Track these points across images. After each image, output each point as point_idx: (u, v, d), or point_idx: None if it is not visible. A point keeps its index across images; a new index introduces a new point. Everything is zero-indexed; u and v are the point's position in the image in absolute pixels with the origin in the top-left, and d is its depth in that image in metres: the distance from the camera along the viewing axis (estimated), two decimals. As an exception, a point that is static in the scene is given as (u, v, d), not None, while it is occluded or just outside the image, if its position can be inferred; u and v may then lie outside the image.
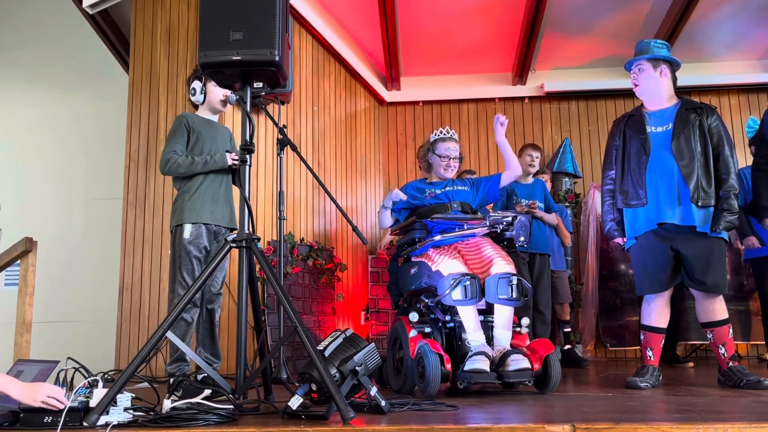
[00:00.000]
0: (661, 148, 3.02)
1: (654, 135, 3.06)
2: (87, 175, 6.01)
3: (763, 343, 4.71)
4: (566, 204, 5.77)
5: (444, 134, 3.36)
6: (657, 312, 3.03)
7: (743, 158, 5.86)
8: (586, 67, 6.30)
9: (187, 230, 2.89)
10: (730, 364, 2.92)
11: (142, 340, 4.23)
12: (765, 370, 4.11)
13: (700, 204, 2.91)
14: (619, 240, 3.14)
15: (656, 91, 3.12)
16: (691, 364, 4.67)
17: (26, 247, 3.67)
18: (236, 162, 2.42)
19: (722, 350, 2.95)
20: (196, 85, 3.07)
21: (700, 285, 2.92)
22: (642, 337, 3.08)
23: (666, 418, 1.83)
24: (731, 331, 2.98)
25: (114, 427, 1.77)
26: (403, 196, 3.20)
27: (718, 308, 2.96)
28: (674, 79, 3.16)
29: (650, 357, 3.02)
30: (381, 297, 5.64)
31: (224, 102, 3.09)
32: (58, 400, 1.81)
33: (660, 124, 3.07)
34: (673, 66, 3.15)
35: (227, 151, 2.98)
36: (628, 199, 3.07)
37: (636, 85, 3.16)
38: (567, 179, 5.99)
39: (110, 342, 4.46)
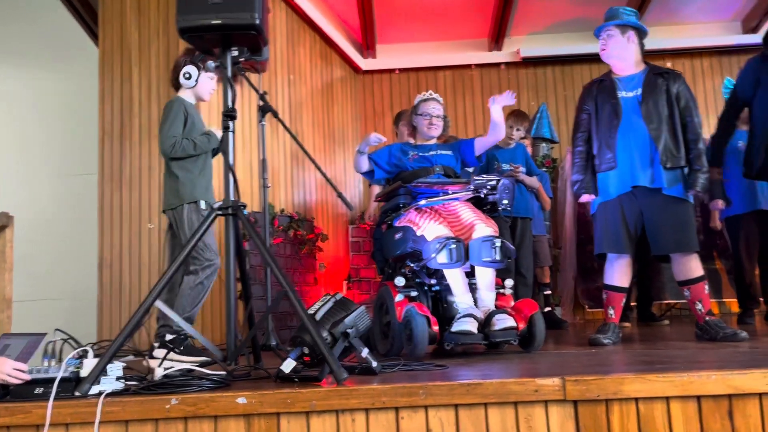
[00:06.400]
0: (632, 113, 3.09)
1: (624, 100, 3.12)
2: (60, 150, 5.87)
3: (734, 300, 4.85)
4: (544, 169, 5.82)
5: (427, 95, 3.37)
6: (619, 272, 3.11)
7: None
8: (561, 32, 6.31)
9: (203, 206, 2.98)
10: (707, 318, 3.01)
11: (124, 315, 4.20)
12: (736, 325, 4.23)
13: (668, 165, 2.99)
14: (587, 197, 3.19)
15: (623, 57, 3.18)
16: (666, 321, 4.80)
17: (3, 222, 3.58)
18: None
19: (699, 306, 3.04)
20: (192, 71, 2.99)
21: (672, 246, 2.99)
22: (604, 296, 3.16)
23: (650, 369, 1.89)
24: (707, 287, 3.07)
25: (107, 395, 1.76)
26: (383, 138, 3.18)
27: (694, 266, 3.04)
28: (642, 46, 3.22)
29: (611, 315, 3.12)
30: (362, 266, 5.66)
31: (210, 94, 3.21)
32: (22, 372, 1.80)
33: (630, 89, 3.14)
34: (641, 33, 3.21)
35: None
36: (600, 163, 3.13)
37: (603, 50, 3.20)
38: (544, 144, 6.03)
39: (91, 319, 4.42)
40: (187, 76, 2.99)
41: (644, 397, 1.73)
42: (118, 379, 1.91)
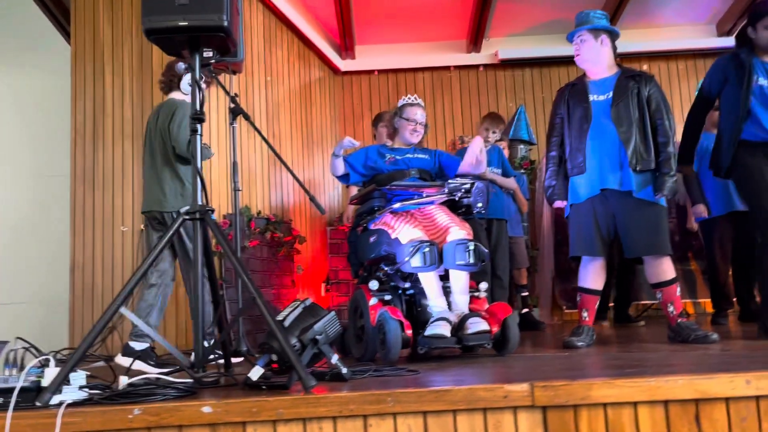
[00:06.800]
0: (602, 116, 3.10)
1: (595, 103, 3.14)
2: (31, 151, 5.76)
3: (709, 300, 4.90)
4: (522, 171, 5.84)
5: (412, 100, 3.35)
6: (593, 275, 3.12)
7: (691, 123, 6.00)
8: (539, 34, 6.33)
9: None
10: (679, 320, 3.03)
11: (96, 320, 4.13)
12: (710, 326, 4.28)
13: (638, 168, 3.01)
14: (559, 203, 3.20)
15: (597, 61, 3.19)
16: (642, 323, 4.83)
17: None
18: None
19: (671, 308, 3.05)
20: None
21: (644, 249, 3.01)
22: (578, 298, 3.18)
23: (619, 373, 1.89)
24: (679, 289, 3.09)
25: (68, 405, 1.72)
26: (356, 143, 3.15)
27: (666, 269, 3.06)
28: (614, 48, 3.23)
29: (585, 317, 3.13)
30: (341, 268, 5.64)
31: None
32: None
33: (601, 92, 3.15)
34: (613, 35, 3.22)
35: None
36: (571, 167, 3.15)
37: (578, 55, 3.22)
38: (522, 146, 6.06)
39: (63, 323, 4.35)
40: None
41: (612, 403, 1.73)
42: (80, 388, 1.87)
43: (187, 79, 3.06)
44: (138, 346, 2.84)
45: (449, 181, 2.97)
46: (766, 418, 1.74)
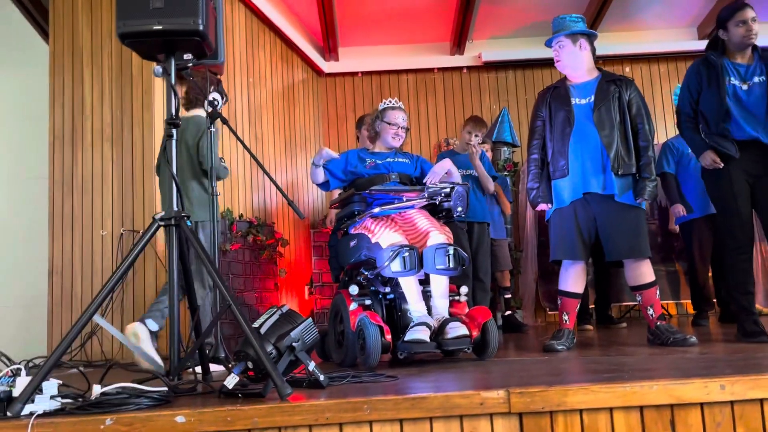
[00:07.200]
0: (585, 120, 3.11)
1: (578, 107, 3.15)
2: (9, 153, 5.69)
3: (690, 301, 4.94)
4: (505, 173, 5.85)
5: (393, 103, 3.34)
6: (574, 278, 3.13)
7: (672, 126, 6.06)
8: (522, 36, 6.35)
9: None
10: (659, 323, 3.05)
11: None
12: (691, 327, 4.31)
13: (620, 172, 3.03)
14: (543, 206, 3.21)
15: (578, 65, 3.20)
16: (624, 324, 4.86)
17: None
18: None
19: (650, 311, 3.07)
20: (218, 98, 3.19)
21: (625, 252, 3.02)
22: (559, 301, 3.19)
23: (595, 378, 1.90)
24: (658, 292, 3.12)
25: (39, 416, 1.69)
26: (335, 155, 3.13)
27: (645, 272, 3.08)
28: (593, 50, 3.25)
29: (566, 321, 3.14)
30: (325, 271, 5.61)
31: None
32: None
33: (583, 96, 3.16)
34: (591, 38, 3.23)
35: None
36: (554, 170, 3.15)
37: (558, 61, 3.23)
38: (506, 148, 6.07)
39: (42, 328, 4.29)
40: (216, 103, 3.20)
41: (588, 408, 1.73)
42: (52, 397, 1.84)
43: (212, 97, 3.24)
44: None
45: (429, 185, 2.96)
46: (740, 423, 1.76)
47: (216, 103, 2.87)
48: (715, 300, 4.74)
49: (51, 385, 1.86)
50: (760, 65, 3.08)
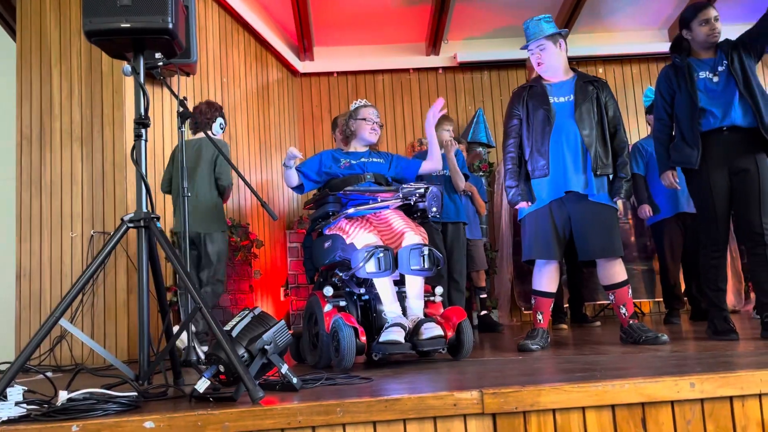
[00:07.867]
0: (565, 118, 3.10)
1: (557, 105, 3.14)
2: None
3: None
4: (480, 173, 5.87)
5: (365, 102, 3.35)
6: (548, 278, 3.15)
7: (643, 127, 6.15)
8: (497, 37, 6.39)
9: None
10: (631, 322, 3.08)
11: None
12: (663, 326, 4.37)
13: (598, 173, 3.05)
14: (523, 204, 3.19)
15: (559, 66, 3.21)
16: (598, 323, 4.91)
17: None
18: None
19: (623, 310, 3.10)
20: (223, 122, 3.91)
21: (598, 252, 3.04)
22: (533, 301, 3.20)
23: (568, 378, 1.90)
24: (630, 291, 3.14)
25: (3, 423, 1.65)
26: (298, 153, 3.09)
27: (618, 271, 3.10)
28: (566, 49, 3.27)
29: (540, 320, 3.16)
30: (300, 272, 5.58)
31: None
32: None
33: (561, 95, 3.16)
34: (565, 37, 3.25)
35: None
36: (533, 169, 3.14)
37: (540, 64, 3.21)
38: (481, 149, 6.09)
39: (10, 332, 4.20)
40: (222, 126, 3.91)
41: (561, 408, 1.74)
42: (17, 404, 1.79)
43: (218, 122, 3.85)
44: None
45: (403, 186, 2.95)
46: (710, 421, 1.78)
47: (186, 100, 2.84)
48: (686, 298, 4.81)
49: (16, 391, 1.82)
50: (722, 55, 3.14)
